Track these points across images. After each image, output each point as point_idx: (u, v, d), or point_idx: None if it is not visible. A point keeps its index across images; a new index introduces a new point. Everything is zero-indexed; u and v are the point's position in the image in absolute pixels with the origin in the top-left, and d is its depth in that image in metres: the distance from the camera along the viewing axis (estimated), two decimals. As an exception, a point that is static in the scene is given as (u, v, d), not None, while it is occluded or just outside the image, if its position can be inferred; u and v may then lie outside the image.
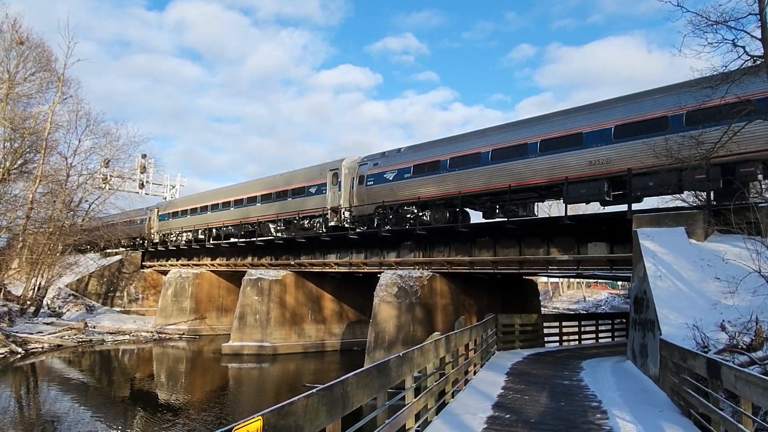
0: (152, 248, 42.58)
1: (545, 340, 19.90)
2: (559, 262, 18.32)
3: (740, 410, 5.72)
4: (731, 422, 5.78)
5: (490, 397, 9.49)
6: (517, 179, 18.46)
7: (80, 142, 36.02)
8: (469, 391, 10.11)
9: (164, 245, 41.41)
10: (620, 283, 56.36)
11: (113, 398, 19.13)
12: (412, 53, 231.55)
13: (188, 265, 38.59)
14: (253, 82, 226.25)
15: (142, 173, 51.60)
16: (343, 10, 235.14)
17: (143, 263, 43.61)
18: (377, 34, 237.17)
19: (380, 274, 22.43)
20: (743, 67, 11.54)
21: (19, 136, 32.63)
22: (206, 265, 37.39)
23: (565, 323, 22.03)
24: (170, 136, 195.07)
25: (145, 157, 50.61)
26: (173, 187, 56.85)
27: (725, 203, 12.79)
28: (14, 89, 32.47)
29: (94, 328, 32.51)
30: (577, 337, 21.94)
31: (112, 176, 41.62)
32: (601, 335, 23.21)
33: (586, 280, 61.34)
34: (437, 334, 16.70)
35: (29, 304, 32.15)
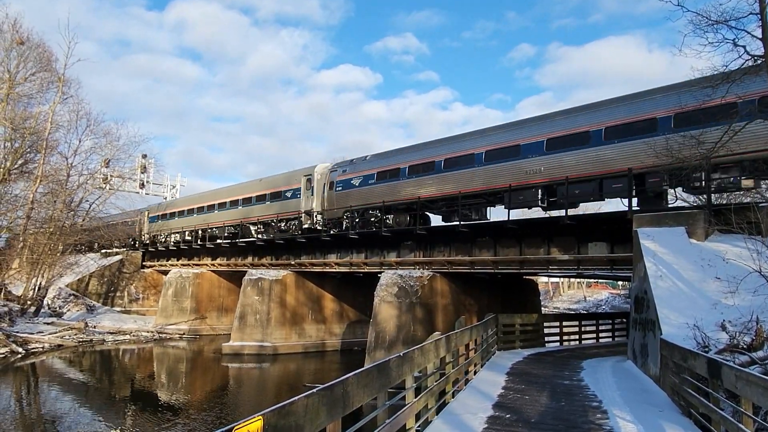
0: (152, 248, 42.65)
1: (546, 339, 19.92)
2: (559, 261, 18.33)
3: (741, 410, 5.72)
4: (732, 422, 5.78)
5: (490, 396, 9.49)
6: (465, 186, 20.03)
7: (81, 142, 36.12)
8: (469, 390, 10.10)
9: (154, 246, 41.84)
10: (621, 282, 56.36)
11: (114, 398, 19.14)
12: (412, 53, 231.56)
13: (189, 265, 38.58)
14: (253, 81, 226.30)
15: (142, 173, 51.69)
16: (343, 9, 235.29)
17: (144, 263, 43.61)
18: (377, 33, 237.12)
19: (381, 273, 22.47)
20: (744, 66, 11.56)
21: (19, 136, 32.70)
22: (207, 265, 37.40)
23: (565, 323, 22.06)
24: (170, 136, 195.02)
25: (145, 157, 50.73)
26: (173, 187, 56.86)
27: (725, 203, 12.84)
28: (15, 89, 32.51)
29: (94, 328, 32.53)
30: (577, 336, 21.92)
31: (112, 176, 41.68)
32: (601, 335, 23.22)
33: (586, 279, 61.32)
34: (438, 333, 16.71)
35: (30, 304, 32.18)
